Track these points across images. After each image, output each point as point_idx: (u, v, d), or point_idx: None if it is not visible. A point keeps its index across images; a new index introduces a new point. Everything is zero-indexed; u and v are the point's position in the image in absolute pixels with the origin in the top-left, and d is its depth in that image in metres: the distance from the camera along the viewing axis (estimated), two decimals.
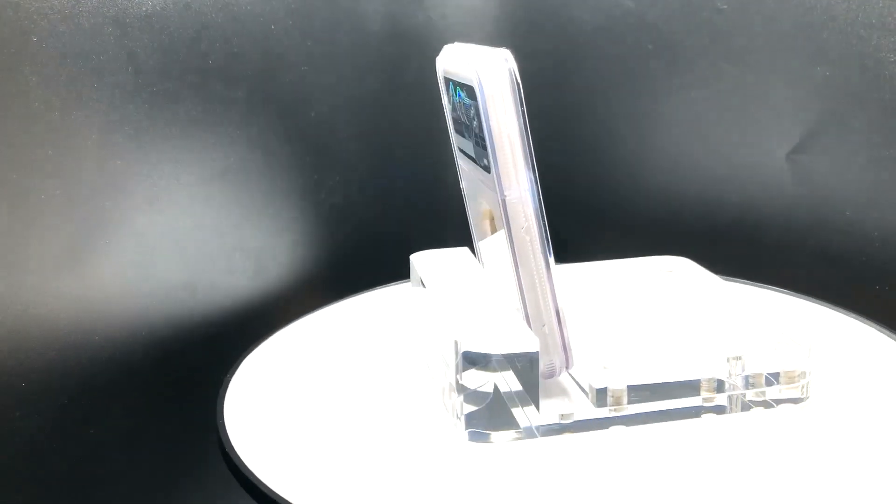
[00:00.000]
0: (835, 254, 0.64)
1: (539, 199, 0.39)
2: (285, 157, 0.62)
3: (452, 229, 0.66)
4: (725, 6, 0.65)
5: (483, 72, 0.37)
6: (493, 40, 0.74)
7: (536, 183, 0.39)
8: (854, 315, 0.55)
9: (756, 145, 0.66)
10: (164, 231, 0.54)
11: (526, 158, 0.38)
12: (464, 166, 0.45)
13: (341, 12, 0.64)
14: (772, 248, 0.67)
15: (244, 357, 0.52)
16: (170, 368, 0.56)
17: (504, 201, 0.39)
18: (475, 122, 0.39)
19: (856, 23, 0.60)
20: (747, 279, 0.61)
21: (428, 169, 0.72)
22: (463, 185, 0.47)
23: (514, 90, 0.37)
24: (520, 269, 0.40)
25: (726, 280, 0.55)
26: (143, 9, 0.50)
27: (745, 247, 0.68)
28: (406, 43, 0.69)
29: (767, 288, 0.60)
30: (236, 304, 0.60)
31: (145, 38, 0.50)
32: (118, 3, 0.48)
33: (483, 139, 0.38)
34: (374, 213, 0.71)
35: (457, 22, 0.73)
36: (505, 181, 0.38)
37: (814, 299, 0.58)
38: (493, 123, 0.38)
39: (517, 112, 0.38)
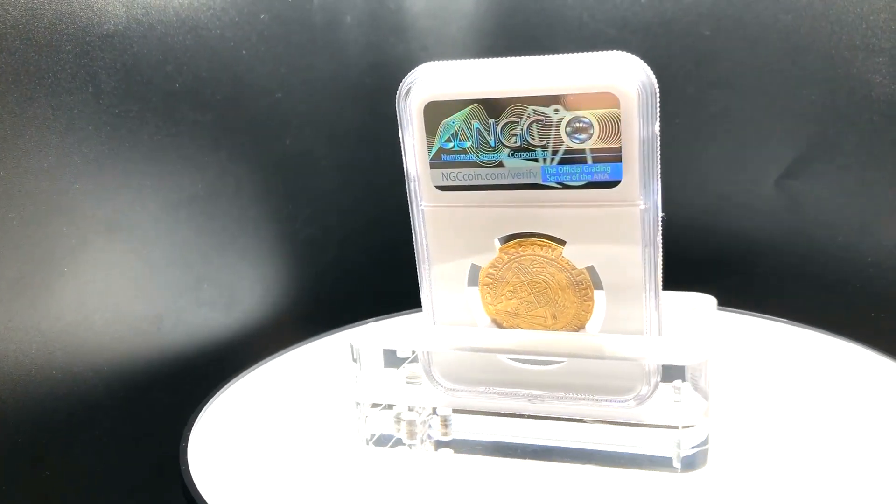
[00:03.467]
0: (829, 280, 0.62)
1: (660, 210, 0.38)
2: (258, 185, 0.60)
3: None
4: (709, 32, 0.64)
5: (631, 75, 0.36)
6: None
7: (660, 193, 0.38)
8: (851, 341, 0.53)
9: (744, 171, 0.65)
10: (126, 259, 0.52)
11: (657, 166, 0.37)
12: (456, 201, 0.41)
13: (318, 41, 0.63)
14: (763, 275, 0.65)
15: (213, 396, 0.50)
16: (133, 407, 0.54)
17: (642, 212, 0.37)
18: (586, 135, 0.37)
19: (840, 45, 0.59)
20: (739, 308, 0.59)
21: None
22: (424, 231, 0.42)
23: (655, 95, 0.36)
24: (648, 284, 0.39)
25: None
26: (105, 27, 0.48)
27: (737, 276, 0.66)
28: (386, 74, 0.68)
29: (760, 317, 0.58)
30: (205, 339, 0.58)
31: (106, 57, 0.48)
32: (77, 20, 0.47)
33: (614, 150, 0.37)
34: (353, 247, 0.69)
35: (438, 54, 0.72)
36: (643, 191, 0.37)
37: (809, 326, 0.56)
38: (643, 131, 0.36)
39: (657, 117, 0.36)
